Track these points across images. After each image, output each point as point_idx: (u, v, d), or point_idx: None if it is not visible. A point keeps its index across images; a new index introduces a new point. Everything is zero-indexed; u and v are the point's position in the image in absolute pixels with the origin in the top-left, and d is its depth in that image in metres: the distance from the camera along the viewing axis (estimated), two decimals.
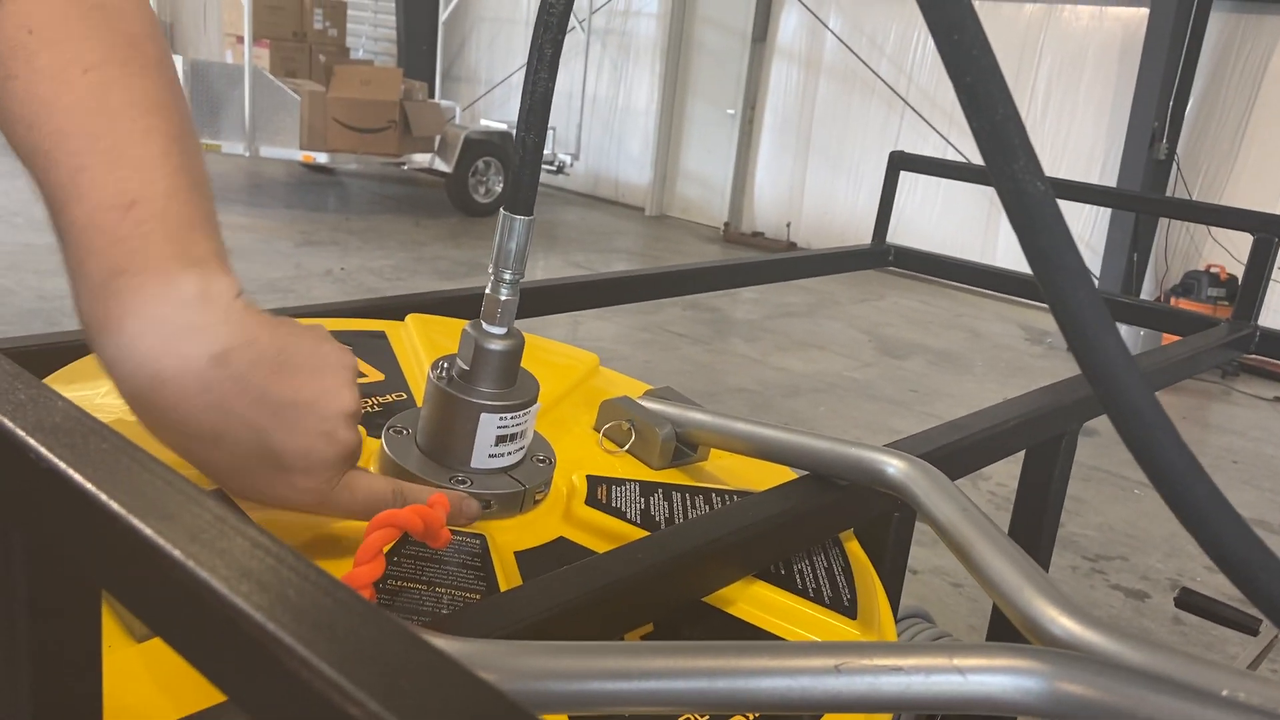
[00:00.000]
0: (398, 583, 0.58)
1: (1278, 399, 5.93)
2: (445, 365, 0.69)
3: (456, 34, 11.28)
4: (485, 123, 9.35)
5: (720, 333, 6.13)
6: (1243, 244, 1.41)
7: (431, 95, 9.62)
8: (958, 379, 5.73)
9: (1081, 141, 7.53)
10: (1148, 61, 6.62)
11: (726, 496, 0.76)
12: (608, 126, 10.32)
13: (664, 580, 0.61)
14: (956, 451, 0.84)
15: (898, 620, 1.54)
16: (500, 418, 0.67)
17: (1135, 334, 5.62)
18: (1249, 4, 6.77)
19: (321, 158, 7.99)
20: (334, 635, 0.25)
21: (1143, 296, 6.89)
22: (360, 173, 9.84)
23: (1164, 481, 0.39)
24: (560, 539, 0.68)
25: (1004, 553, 0.55)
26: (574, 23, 9.16)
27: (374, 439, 0.72)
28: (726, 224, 9.40)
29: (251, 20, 7.84)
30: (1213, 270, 6.40)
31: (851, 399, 5.15)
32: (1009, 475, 1.09)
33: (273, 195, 8.75)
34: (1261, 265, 1.36)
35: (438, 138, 8.45)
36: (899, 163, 1.75)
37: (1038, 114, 7.69)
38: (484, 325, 0.67)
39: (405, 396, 0.82)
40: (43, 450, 0.31)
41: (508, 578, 0.62)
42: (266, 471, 0.53)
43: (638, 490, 0.74)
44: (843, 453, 0.72)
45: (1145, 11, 6.77)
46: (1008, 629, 0.54)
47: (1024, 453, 1.04)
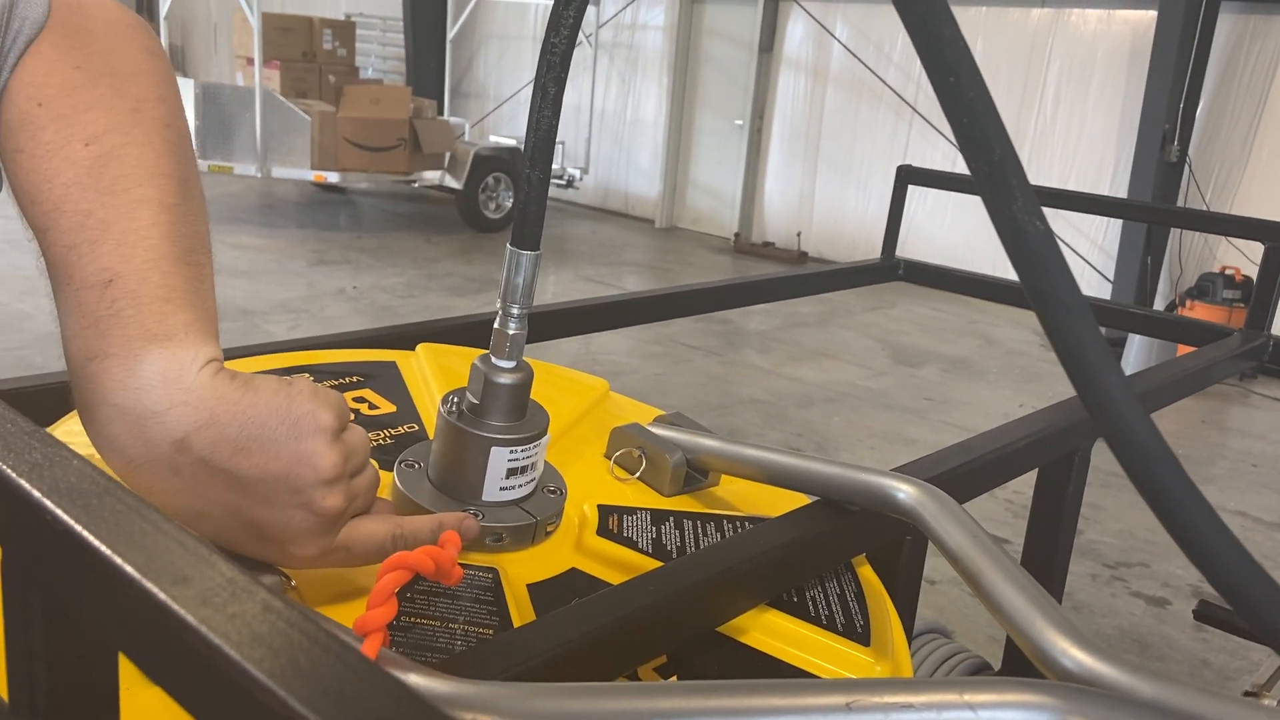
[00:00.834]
0: (411, 619, 0.58)
1: None
2: (455, 399, 0.69)
3: (464, 51, 11.35)
4: (494, 139, 9.39)
5: (732, 344, 6.13)
6: (1259, 245, 1.40)
7: (440, 112, 9.68)
8: (972, 386, 5.71)
9: (1092, 145, 7.51)
10: (1157, 64, 6.61)
11: (738, 524, 0.76)
12: (617, 140, 10.35)
13: (677, 611, 0.61)
14: (968, 473, 0.84)
15: (915, 635, 1.54)
16: (511, 451, 0.68)
17: (1150, 343, 5.59)
18: (1258, 4, 6.75)
19: (333, 177, 8.04)
20: (342, 700, 0.26)
21: (1158, 300, 6.85)
22: (371, 191, 9.90)
23: (1169, 517, 0.39)
24: (572, 570, 0.68)
25: (1015, 582, 0.55)
26: (581, 37, 9.20)
27: (387, 472, 0.73)
28: (737, 235, 9.41)
29: (261, 42, 7.91)
30: (1228, 272, 6.37)
31: (865, 408, 5.14)
32: (1025, 483, 1.09)
33: (285, 215, 8.80)
34: (1274, 274, 1.36)
35: (447, 154, 8.49)
36: (907, 177, 1.75)
37: (1047, 118, 7.67)
38: (493, 359, 0.68)
39: (417, 428, 0.83)
40: (59, 513, 0.32)
41: (520, 611, 0.62)
42: (256, 543, 0.53)
43: (649, 519, 0.75)
44: (852, 478, 0.72)
45: (1154, 14, 6.75)
46: (1023, 657, 0.54)
47: (1037, 471, 1.04)
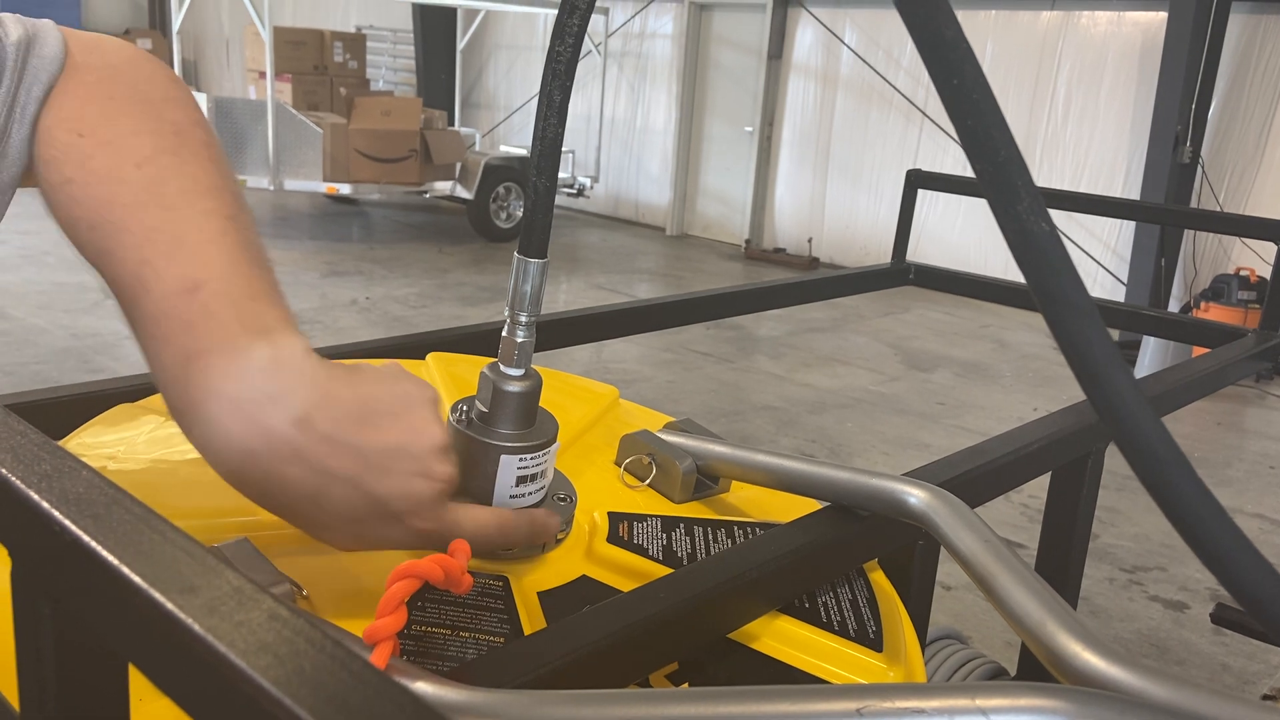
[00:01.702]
0: (422, 628, 0.58)
1: None
2: (464, 408, 0.70)
3: (474, 62, 11.39)
4: (505, 149, 9.42)
5: (744, 350, 6.12)
6: (1273, 245, 1.39)
7: (451, 123, 9.72)
8: (986, 390, 5.69)
9: (1104, 147, 7.48)
10: (1168, 65, 6.58)
11: (748, 530, 0.76)
12: (626, 148, 10.37)
13: (688, 619, 0.61)
14: (980, 477, 0.83)
15: (930, 641, 1.53)
16: (520, 459, 0.68)
17: (1165, 346, 5.55)
18: (1269, 4, 6.71)
19: (344, 189, 8.08)
20: (348, 708, 0.26)
21: (1172, 302, 6.81)
22: (383, 202, 9.94)
23: (1181, 520, 0.39)
24: (583, 578, 0.68)
25: (1027, 586, 0.54)
26: (590, 46, 9.23)
27: None
28: (748, 241, 9.41)
29: (273, 56, 7.96)
30: (1243, 273, 6.32)
31: (879, 414, 5.12)
32: (1040, 487, 1.08)
33: (298, 227, 8.85)
34: None
35: (458, 165, 8.53)
36: (916, 181, 1.75)
37: (1058, 121, 7.65)
38: (501, 367, 0.68)
39: None
40: (67, 523, 0.32)
41: (531, 619, 0.62)
42: (375, 521, 0.53)
43: (659, 526, 0.75)
44: (863, 483, 0.72)
45: (1164, 15, 6.73)
46: (1038, 662, 0.54)
47: (1050, 474, 1.03)
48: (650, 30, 10.01)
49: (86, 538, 0.31)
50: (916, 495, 0.68)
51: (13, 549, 0.35)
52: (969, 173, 0.42)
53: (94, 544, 0.31)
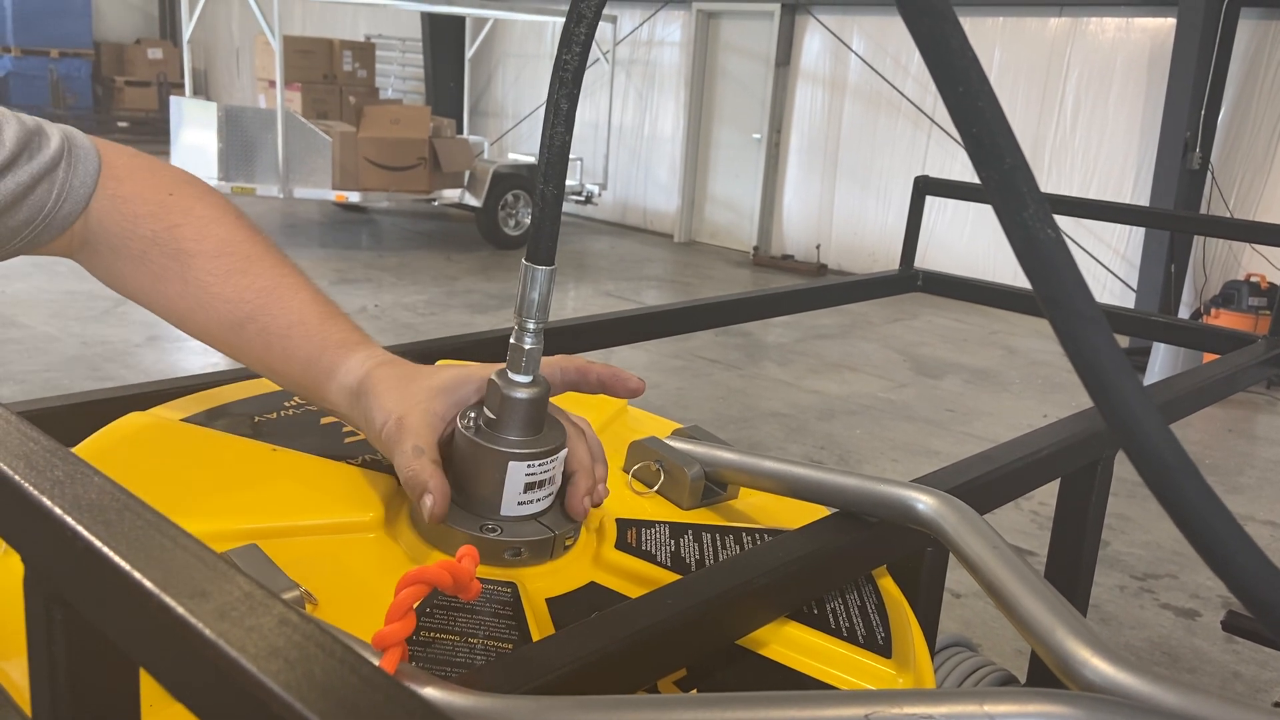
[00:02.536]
0: (430, 634, 0.59)
1: None
2: (473, 414, 0.70)
3: (483, 70, 11.43)
4: (513, 156, 9.44)
5: (752, 357, 6.12)
6: None
7: (460, 131, 9.75)
8: (995, 397, 5.67)
9: (1113, 154, 7.46)
10: (1177, 71, 6.56)
11: (757, 536, 0.76)
12: (635, 155, 10.39)
13: (696, 625, 0.61)
14: (988, 483, 0.83)
15: (939, 649, 1.53)
16: (528, 465, 0.68)
17: (1175, 351, 5.53)
18: (1279, 10, 6.70)
19: (354, 197, 8.11)
20: (358, 713, 0.26)
21: (1182, 309, 6.79)
22: (392, 210, 9.98)
23: (1189, 527, 0.38)
24: (591, 584, 0.68)
25: (1036, 592, 0.54)
26: (598, 54, 9.25)
27: None
28: (756, 248, 9.41)
29: (283, 65, 8.00)
30: (1253, 279, 6.30)
31: (888, 420, 5.11)
32: (1051, 494, 1.08)
33: (307, 235, 8.88)
34: None
35: (467, 173, 8.55)
36: (924, 188, 1.75)
37: (1067, 127, 7.64)
38: (509, 374, 0.68)
39: None
40: (79, 529, 0.32)
41: (540, 626, 0.62)
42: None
43: (668, 532, 0.75)
44: (871, 489, 0.72)
45: (1172, 21, 6.72)
46: (1047, 669, 0.53)
47: (1060, 480, 1.03)
48: (658, 38, 10.04)
49: (99, 543, 0.32)
50: (925, 502, 0.68)
51: (25, 554, 0.36)
52: (978, 179, 0.42)
53: (106, 549, 0.31)
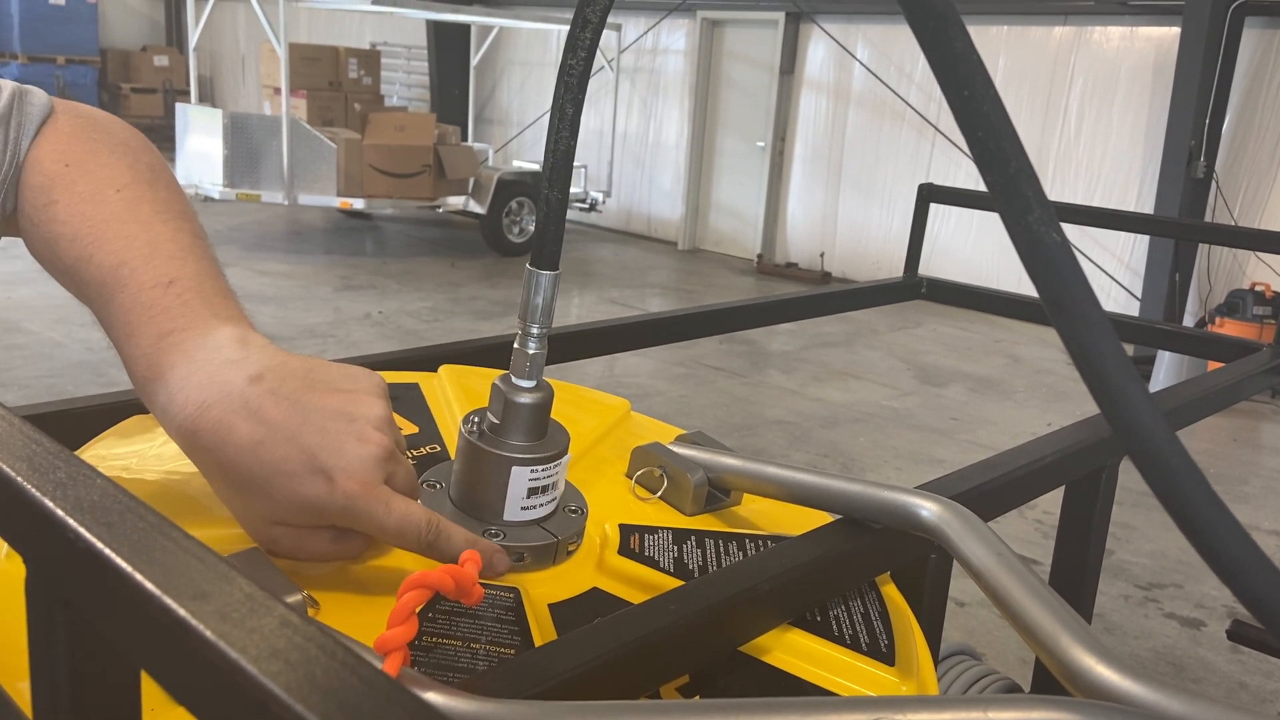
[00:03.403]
0: (432, 639, 0.58)
1: None
2: (476, 419, 0.70)
3: (488, 78, 11.46)
4: (518, 164, 9.46)
5: (756, 365, 6.12)
6: None
7: (464, 139, 9.77)
8: (999, 406, 5.66)
9: (1118, 162, 7.46)
10: (1181, 80, 6.57)
11: (760, 542, 0.76)
12: (639, 163, 10.40)
13: (698, 631, 0.61)
14: (992, 490, 0.83)
15: (943, 658, 1.52)
16: (531, 470, 0.68)
17: (1180, 360, 5.52)
18: None
19: (358, 204, 8.13)
20: (360, 715, 0.26)
21: (1186, 317, 6.78)
22: (396, 217, 9.99)
23: (1196, 534, 0.38)
24: (594, 590, 0.68)
25: (1040, 599, 0.54)
26: (603, 61, 9.27)
27: None
28: (760, 256, 9.41)
29: (288, 72, 8.02)
30: (1258, 288, 6.29)
31: (891, 429, 5.10)
32: (1055, 503, 1.08)
33: (312, 242, 8.90)
34: None
35: (471, 180, 8.56)
36: (929, 195, 1.75)
37: (1071, 135, 7.64)
38: (513, 379, 0.68)
39: (439, 449, 0.83)
40: (81, 530, 0.32)
41: (542, 631, 0.62)
42: (306, 476, 0.56)
43: (670, 538, 0.74)
44: (875, 496, 0.72)
45: (1177, 30, 6.72)
46: (1052, 677, 0.53)
47: (1064, 488, 1.03)
48: (662, 46, 10.06)
49: (100, 544, 0.32)
50: (929, 508, 0.68)
51: (27, 556, 0.36)
52: (981, 187, 0.42)
53: (108, 551, 0.31)
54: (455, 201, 8.55)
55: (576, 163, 0.80)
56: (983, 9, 7.83)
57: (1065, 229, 0.41)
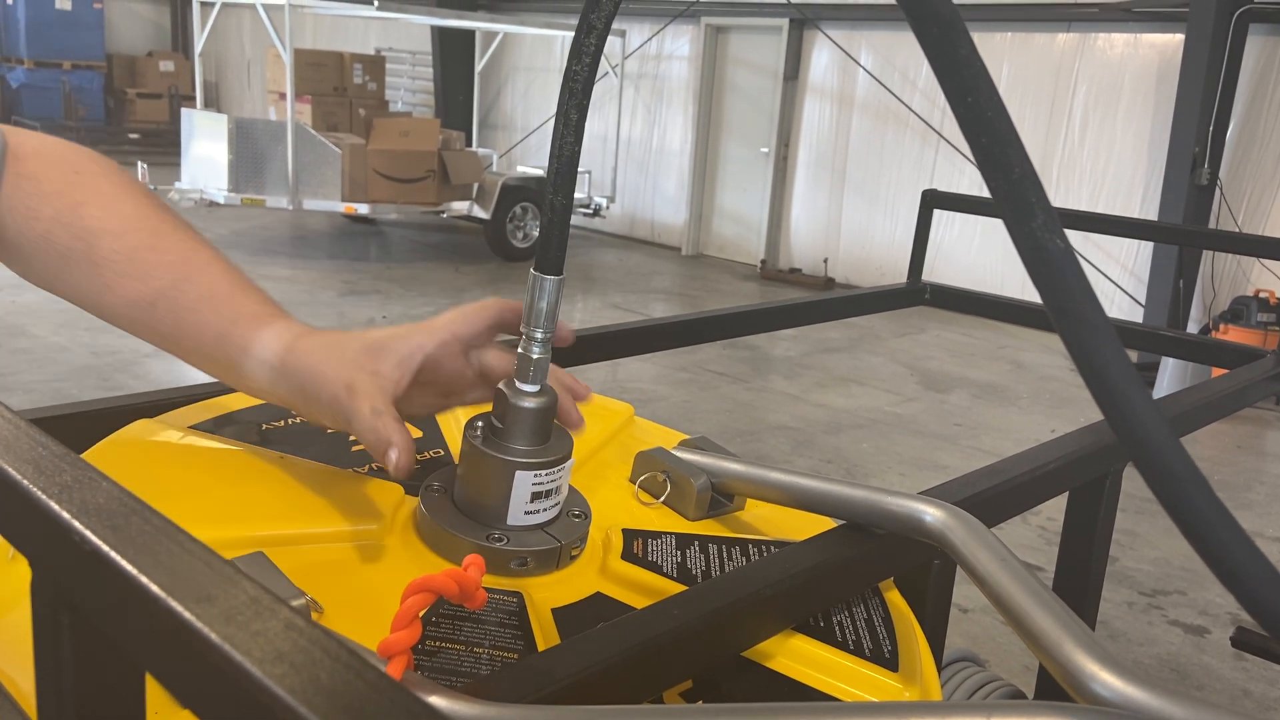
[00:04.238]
0: (436, 643, 0.58)
1: None
2: (480, 424, 0.70)
3: (492, 83, 11.48)
4: (522, 169, 9.47)
5: (759, 370, 6.11)
6: None
7: (469, 144, 9.78)
8: (1003, 412, 5.65)
9: (1121, 169, 7.46)
10: (1185, 87, 6.56)
11: (763, 548, 0.76)
12: (643, 168, 10.41)
13: (701, 636, 0.61)
14: (996, 496, 0.83)
15: (946, 664, 1.52)
16: (535, 475, 0.68)
17: (1184, 366, 5.51)
18: None
19: (363, 208, 8.14)
20: (363, 717, 0.26)
21: (1190, 324, 6.76)
22: (400, 222, 10.01)
23: (1200, 540, 0.38)
24: (597, 594, 0.68)
25: (1044, 605, 0.54)
26: (607, 68, 9.29)
27: (413, 497, 0.73)
28: (763, 261, 9.41)
29: (294, 77, 8.04)
30: (1262, 295, 6.28)
31: (895, 435, 5.10)
32: (1059, 509, 1.07)
33: (316, 246, 8.91)
34: None
35: (475, 185, 8.57)
36: (932, 201, 1.75)
37: (1075, 142, 7.63)
38: (517, 383, 0.68)
39: (443, 453, 0.83)
40: (87, 533, 0.32)
41: (545, 636, 0.62)
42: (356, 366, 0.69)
43: (674, 543, 0.74)
44: (879, 501, 0.72)
45: (1181, 37, 6.72)
46: (1055, 684, 0.53)
47: (1068, 494, 1.03)
48: (667, 52, 10.07)
49: (106, 547, 0.32)
50: (933, 514, 0.68)
51: (33, 558, 0.36)
52: (985, 193, 0.42)
53: (113, 554, 0.31)
54: (459, 206, 8.56)
55: (580, 168, 0.80)
56: (987, 15, 7.83)
57: (1069, 235, 0.42)
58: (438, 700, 0.46)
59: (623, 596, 0.68)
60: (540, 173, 8.87)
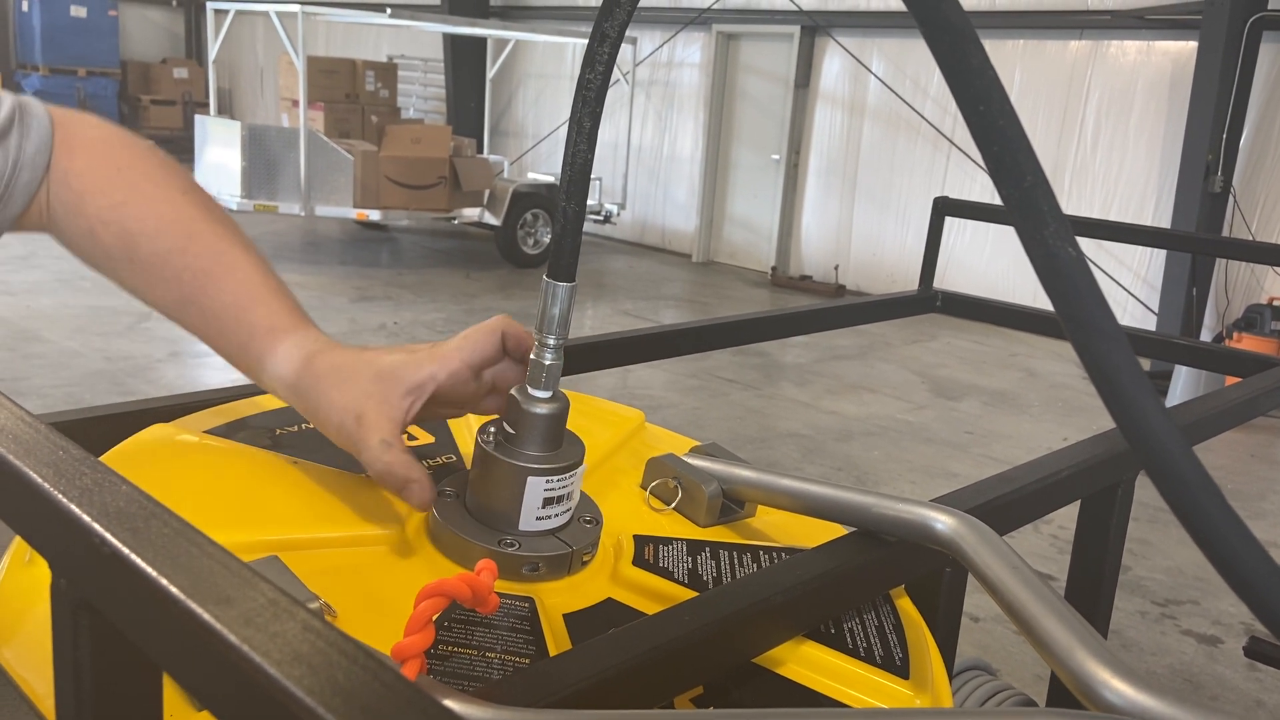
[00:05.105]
0: (448, 648, 0.59)
1: None
2: (492, 429, 0.70)
3: (504, 90, 11.52)
4: (533, 176, 9.49)
5: (770, 378, 6.11)
6: None
7: (480, 151, 9.81)
8: (1014, 420, 5.64)
9: (1134, 177, 7.43)
10: (1198, 94, 6.54)
11: (774, 554, 0.76)
12: (653, 175, 10.43)
13: (712, 642, 0.61)
14: (1008, 504, 0.83)
15: (957, 672, 1.51)
16: (547, 480, 0.68)
17: (1197, 375, 5.49)
18: None
19: (374, 215, 8.17)
20: (380, 718, 0.26)
21: (1204, 332, 6.73)
22: (412, 228, 10.04)
23: (1212, 549, 0.38)
24: (608, 600, 0.68)
25: (1056, 613, 0.54)
26: (618, 75, 9.30)
27: None
28: (774, 268, 9.41)
29: (306, 84, 8.09)
30: (1276, 303, 6.25)
31: (906, 442, 5.09)
32: (1071, 518, 1.07)
33: (328, 253, 8.95)
34: None
35: (487, 192, 8.60)
36: (944, 209, 1.75)
37: (1087, 150, 7.62)
38: (529, 389, 0.69)
39: (455, 459, 0.84)
40: (107, 535, 0.33)
41: (556, 641, 0.62)
42: (354, 424, 0.69)
43: (685, 549, 0.75)
44: (890, 509, 0.72)
45: (1194, 45, 6.70)
46: (1067, 693, 0.53)
47: (1080, 502, 1.02)
48: (678, 59, 10.09)
49: (126, 550, 0.32)
50: (944, 521, 0.68)
51: (53, 560, 0.36)
52: (997, 201, 0.43)
53: (133, 556, 0.32)
54: (470, 213, 8.59)
55: (592, 175, 0.81)
56: (998, 23, 7.83)
57: (1081, 243, 0.42)
58: (451, 704, 0.46)
59: (634, 602, 0.68)
60: (551, 179, 8.89)
